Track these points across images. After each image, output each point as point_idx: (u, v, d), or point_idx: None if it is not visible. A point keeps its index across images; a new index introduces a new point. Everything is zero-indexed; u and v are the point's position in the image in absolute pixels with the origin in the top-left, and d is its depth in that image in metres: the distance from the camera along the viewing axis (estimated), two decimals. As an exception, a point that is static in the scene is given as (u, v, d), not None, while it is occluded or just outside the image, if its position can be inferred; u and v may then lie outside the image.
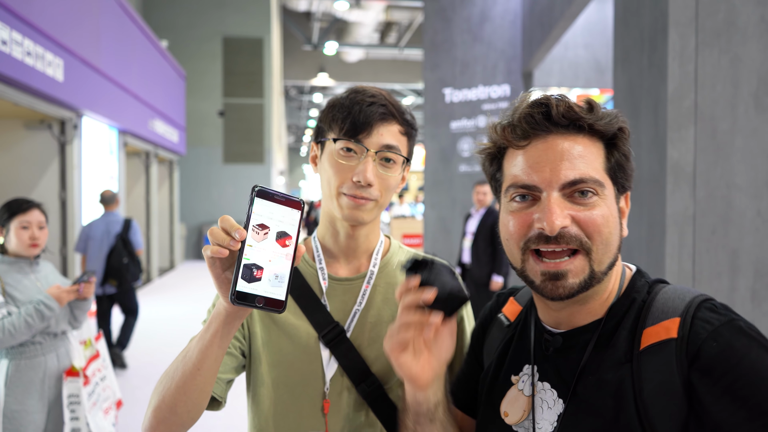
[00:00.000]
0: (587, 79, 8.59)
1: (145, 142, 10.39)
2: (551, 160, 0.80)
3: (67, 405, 2.68)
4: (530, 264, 0.82)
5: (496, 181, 0.91)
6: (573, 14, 5.67)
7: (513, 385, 0.92)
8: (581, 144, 0.82)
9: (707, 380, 0.72)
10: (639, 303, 0.83)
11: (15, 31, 5.02)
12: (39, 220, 2.74)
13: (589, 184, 0.80)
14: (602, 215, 0.80)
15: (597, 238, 0.80)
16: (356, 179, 1.08)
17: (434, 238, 8.21)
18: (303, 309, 1.15)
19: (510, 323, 1.00)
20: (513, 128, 0.84)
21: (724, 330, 0.74)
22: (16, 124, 6.81)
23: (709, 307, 0.77)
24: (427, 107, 8.27)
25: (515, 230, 0.83)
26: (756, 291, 2.80)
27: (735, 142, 2.78)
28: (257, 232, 0.81)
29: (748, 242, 2.79)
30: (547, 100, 0.82)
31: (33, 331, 2.56)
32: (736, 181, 2.78)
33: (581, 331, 0.85)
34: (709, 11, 2.75)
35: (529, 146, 0.83)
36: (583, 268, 0.80)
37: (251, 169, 15.76)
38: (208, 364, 0.93)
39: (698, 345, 0.74)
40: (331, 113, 1.13)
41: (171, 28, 14.83)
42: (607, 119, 0.82)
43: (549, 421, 0.85)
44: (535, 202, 0.82)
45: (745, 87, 2.77)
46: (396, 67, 21.16)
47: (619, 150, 0.84)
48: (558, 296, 0.80)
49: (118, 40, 8.38)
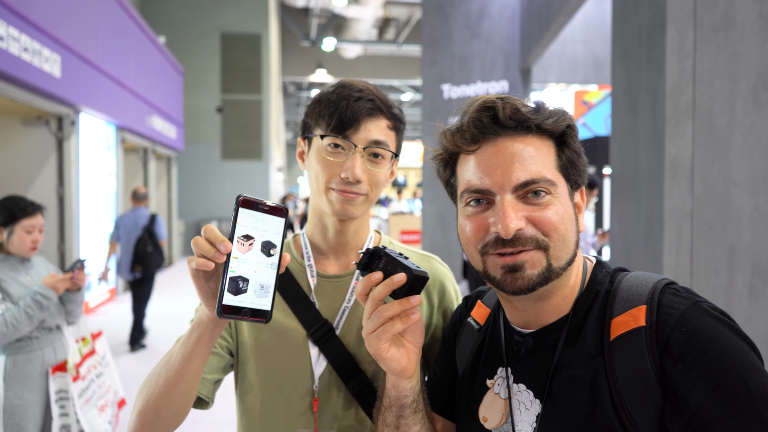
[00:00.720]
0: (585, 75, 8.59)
1: (143, 138, 10.37)
2: (502, 163, 0.81)
3: (56, 401, 2.68)
4: (490, 261, 0.82)
5: (451, 186, 0.91)
6: (571, 10, 5.66)
7: (489, 389, 0.92)
8: (531, 144, 0.82)
9: (680, 366, 0.73)
10: (603, 294, 0.84)
11: (12, 27, 5.00)
12: (41, 224, 2.77)
13: (540, 184, 0.80)
14: (557, 213, 0.81)
15: (554, 236, 0.80)
16: (344, 176, 1.07)
17: (432, 234, 8.22)
18: (291, 307, 1.14)
19: (480, 327, 1.00)
20: (462, 133, 0.85)
21: (690, 314, 0.75)
22: (13, 120, 6.79)
23: (672, 292, 0.78)
24: (425, 103, 8.26)
25: (472, 235, 0.83)
26: (753, 286, 2.81)
27: (733, 138, 2.78)
28: (242, 244, 0.81)
29: (746, 238, 2.80)
30: (493, 104, 0.82)
31: (34, 322, 2.59)
32: (734, 177, 2.78)
33: (550, 329, 0.86)
34: (708, 7, 2.75)
35: (479, 150, 0.83)
36: (540, 260, 0.80)
37: (249, 165, 15.75)
38: (192, 369, 0.93)
39: (667, 333, 0.74)
40: (318, 108, 1.11)
41: (168, 23, 14.79)
42: (555, 118, 0.83)
43: (528, 422, 0.85)
44: (490, 206, 0.82)
45: (744, 83, 2.77)
46: (394, 63, 21.12)
47: (570, 147, 0.84)
48: (518, 288, 0.80)
49: (116, 36, 8.35)
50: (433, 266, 1.24)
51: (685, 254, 2.77)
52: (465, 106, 0.86)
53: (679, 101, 2.76)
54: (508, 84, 7.67)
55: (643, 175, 2.95)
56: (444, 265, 1.26)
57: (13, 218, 2.68)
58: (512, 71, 7.69)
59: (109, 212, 8.67)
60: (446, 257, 7.87)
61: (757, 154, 2.78)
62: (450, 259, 7.83)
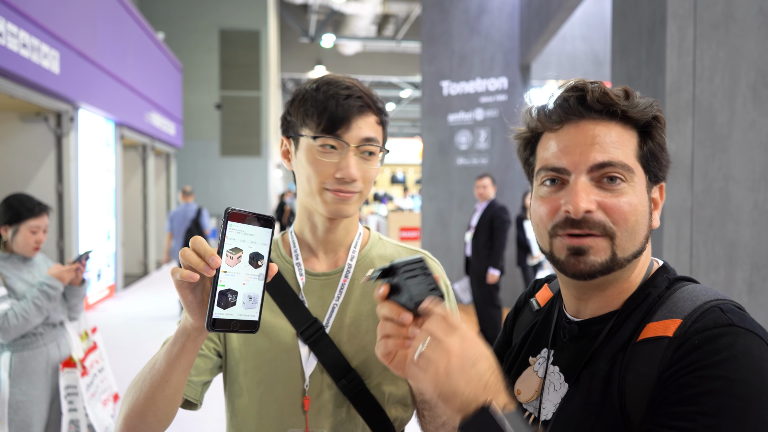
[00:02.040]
0: (585, 72, 8.58)
1: (142, 134, 10.36)
2: (581, 144, 0.81)
3: (65, 396, 2.69)
4: (557, 242, 0.83)
5: (530, 166, 0.92)
6: (571, 6, 5.66)
7: (530, 366, 0.95)
8: (614, 130, 0.82)
9: (675, 367, 0.72)
10: (654, 297, 0.83)
11: (10, 23, 4.99)
12: (46, 224, 2.76)
13: (617, 168, 0.80)
14: (629, 203, 0.80)
15: (623, 225, 0.80)
16: (340, 176, 1.06)
17: (432, 231, 8.22)
18: (280, 306, 1.13)
19: (540, 308, 1.03)
20: (547, 112, 0.85)
21: (718, 331, 0.72)
22: (12, 116, 6.78)
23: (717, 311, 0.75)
24: (424, 100, 8.25)
25: (545, 214, 0.84)
26: (753, 283, 2.81)
27: (733, 135, 2.78)
28: (231, 257, 0.81)
29: (746, 234, 2.80)
30: (583, 86, 0.83)
31: (44, 313, 2.59)
32: (733, 174, 2.79)
33: (596, 321, 0.86)
34: (708, 3, 2.75)
35: (561, 130, 0.84)
36: (605, 249, 0.80)
37: (248, 162, 15.74)
38: (176, 376, 0.94)
39: (683, 343, 0.74)
40: (303, 107, 1.09)
41: (167, 20, 14.76)
42: (642, 107, 0.82)
43: (553, 402, 0.87)
44: (564, 186, 0.83)
45: (743, 79, 2.77)
46: (393, 59, 21.10)
47: (653, 139, 0.84)
48: (579, 272, 0.81)
49: (115, 32, 8.34)
50: None
51: (685, 251, 2.78)
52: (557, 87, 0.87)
53: (679, 98, 2.76)
54: (508, 81, 7.67)
55: (643, 172, 2.96)
56: (435, 260, 1.25)
57: (19, 218, 2.67)
58: (512, 68, 7.68)
59: (108, 209, 8.66)
60: (445, 254, 7.88)
61: (757, 150, 2.79)
62: (449, 256, 7.83)
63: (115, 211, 8.97)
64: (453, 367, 0.75)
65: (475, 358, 0.76)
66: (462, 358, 0.75)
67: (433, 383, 0.75)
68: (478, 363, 0.76)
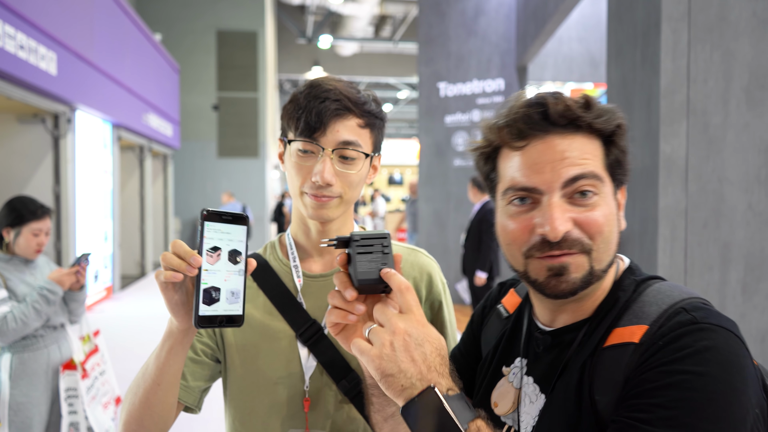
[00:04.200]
0: (581, 73, 8.61)
1: (139, 136, 10.35)
2: (551, 161, 0.79)
3: (65, 398, 2.70)
4: (534, 264, 0.81)
5: (491, 181, 0.89)
6: (567, 8, 5.68)
7: (504, 377, 0.93)
8: (580, 142, 0.80)
9: (640, 368, 0.72)
10: (622, 302, 0.82)
11: (8, 25, 4.99)
12: (48, 227, 2.77)
13: (589, 180, 0.79)
14: (603, 215, 0.80)
15: (598, 238, 0.79)
16: (314, 180, 1.06)
17: (429, 232, 8.23)
18: (279, 308, 1.14)
19: (508, 315, 1.00)
20: (510, 128, 0.82)
21: (684, 331, 0.72)
22: (9, 118, 6.77)
23: (683, 313, 0.75)
24: (421, 101, 8.27)
25: (517, 235, 0.82)
26: (747, 284, 2.84)
27: (727, 137, 2.80)
28: (211, 255, 0.84)
29: (740, 236, 2.82)
30: (544, 100, 0.81)
31: (42, 317, 2.60)
32: (727, 175, 2.81)
33: (569, 330, 0.85)
34: (702, 6, 2.77)
35: (527, 147, 0.81)
36: (583, 264, 0.79)
37: (246, 163, 15.72)
38: (168, 379, 0.96)
39: (650, 346, 0.73)
40: (289, 111, 1.10)
41: (164, 21, 14.74)
42: (606, 116, 0.81)
43: (531, 415, 0.86)
44: (535, 205, 0.81)
45: (737, 82, 2.80)
46: (390, 60, 21.10)
47: (618, 146, 0.83)
48: (561, 292, 0.80)
49: (112, 33, 8.33)
50: (420, 259, 1.24)
51: (680, 252, 2.80)
52: (512, 99, 0.84)
53: (674, 100, 2.78)
54: (504, 82, 7.69)
55: (638, 174, 2.98)
56: (430, 257, 1.26)
57: (21, 220, 2.68)
58: (508, 69, 7.70)
59: (106, 210, 8.66)
60: (442, 254, 7.89)
61: (751, 152, 2.81)
62: (446, 257, 7.85)
63: (113, 213, 8.96)
64: (397, 346, 0.75)
65: (420, 339, 0.76)
66: (406, 338, 0.76)
67: (377, 361, 0.75)
68: (424, 344, 0.76)
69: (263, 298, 1.16)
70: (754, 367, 0.72)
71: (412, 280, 1.21)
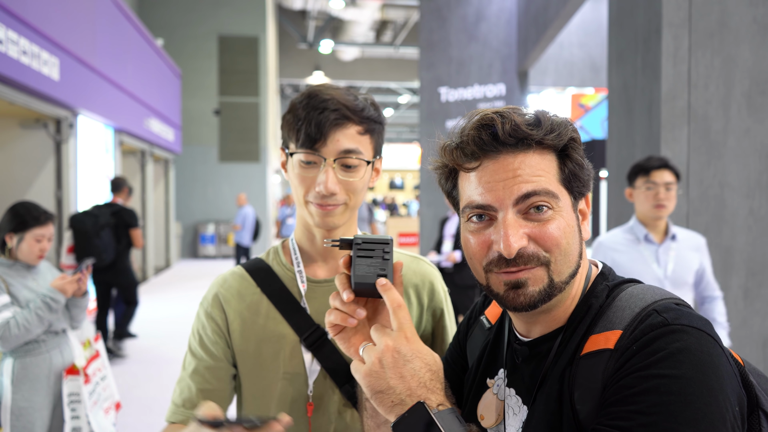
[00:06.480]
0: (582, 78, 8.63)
1: (141, 140, 10.37)
2: (503, 179, 0.80)
3: (68, 403, 2.70)
4: (493, 278, 0.82)
5: (453, 198, 0.90)
6: (568, 14, 5.70)
7: (488, 389, 0.94)
8: (532, 159, 0.81)
9: (617, 374, 0.73)
10: (595, 308, 0.83)
11: (11, 30, 5.01)
12: (51, 233, 2.77)
13: (542, 196, 0.79)
14: (558, 228, 0.80)
15: (555, 251, 0.80)
16: (318, 190, 1.07)
17: (430, 237, 8.23)
18: (283, 313, 1.15)
19: (491, 326, 1.01)
20: (462, 150, 0.83)
21: (656, 334, 0.73)
22: (12, 123, 6.79)
23: (655, 315, 0.75)
24: (422, 106, 8.29)
25: (477, 251, 0.83)
26: (748, 289, 2.84)
27: (728, 142, 2.81)
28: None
29: (741, 241, 2.83)
30: (492, 120, 0.81)
31: (45, 324, 2.60)
32: (728, 181, 2.81)
33: (545, 339, 0.86)
34: (702, 12, 2.78)
35: (480, 167, 0.82)
36: (542, 277, 0.80)
37: (247, 167, 15.75)
38: None
39: (624, 351, 0.74)
40: (288, 122, 1.11)
41: (166, 26, 14.79)
42: (557, 132, 0.81)
43: (515, 427, 0.86)
44: (492, 222, 0.82)
45: (738, 87, 2.80)
46: (391, 65, 21.15)
47: (572, 160, 0.83)
48: (520, 305, 0.80)
49: (114, 38, 8.36)
50: (422, 267, 1.25)
51: (681, 257, 2.80)
52: (463, 121, 0.85)
53: (675, 105, 2.79)
54: (506, 87, 7.70)
55: (639, 179, 2.98)
56: (432, 266, 1.27)
57: (24, 226, 2.68)
58: (509, 74, 7.72)
59: (107, 215, 8.66)
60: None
61: (752, 157, 2.82)
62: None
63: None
64: (385, 363, 0.78)
65: (409, 356, 0.78)
66: (395, 355, 0.78)
67: (367, 378, 0.78)
68: (413, 360, 0.78)
69: (267, 303, 1.16)
70: (729, 364, 0.72)
71: (413, 287, 1.22)
